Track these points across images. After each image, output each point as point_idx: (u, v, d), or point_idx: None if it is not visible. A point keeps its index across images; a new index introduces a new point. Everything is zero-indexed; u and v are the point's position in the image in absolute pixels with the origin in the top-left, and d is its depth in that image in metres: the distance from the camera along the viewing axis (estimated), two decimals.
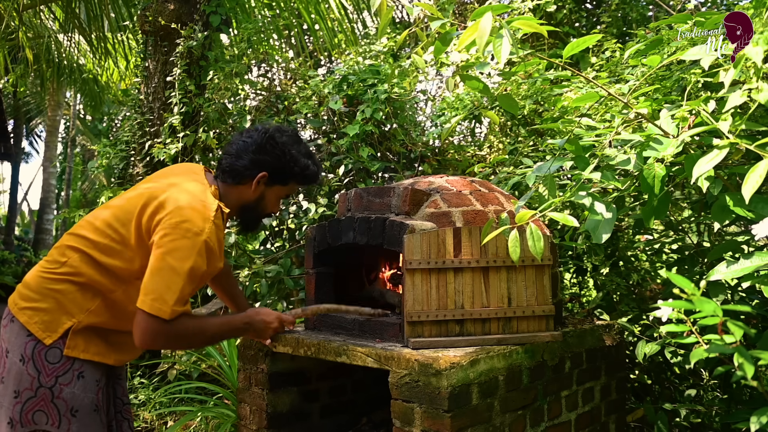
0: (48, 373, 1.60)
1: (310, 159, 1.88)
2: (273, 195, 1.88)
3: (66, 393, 1.61)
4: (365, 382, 2.65)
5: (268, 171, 1.81)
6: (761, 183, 1.26)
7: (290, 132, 1.88)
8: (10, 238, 13.81)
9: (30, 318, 1.62)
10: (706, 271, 2.03)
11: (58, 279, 1.65)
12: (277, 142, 1.81)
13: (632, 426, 2.72)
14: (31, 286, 1.67)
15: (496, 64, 1.56)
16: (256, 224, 1.96)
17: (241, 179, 1.81)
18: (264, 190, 1.85)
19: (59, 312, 1.63)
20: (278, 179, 1.84)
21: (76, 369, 1.63)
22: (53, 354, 1.61)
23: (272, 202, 1.89)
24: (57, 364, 1.61)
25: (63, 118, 15.52)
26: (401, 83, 3.83)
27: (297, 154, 1.84)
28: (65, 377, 1.61)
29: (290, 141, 1.84)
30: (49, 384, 1.60)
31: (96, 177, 15.15)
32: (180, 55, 4.31)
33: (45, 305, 1.63)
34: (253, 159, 1.80)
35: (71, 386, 1.62)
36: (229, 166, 1.81)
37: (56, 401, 1.60)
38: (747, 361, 1.14)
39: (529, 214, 1.52)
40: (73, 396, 1.61)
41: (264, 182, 1.83)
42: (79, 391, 1.63)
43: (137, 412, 3.42)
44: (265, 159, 1.80)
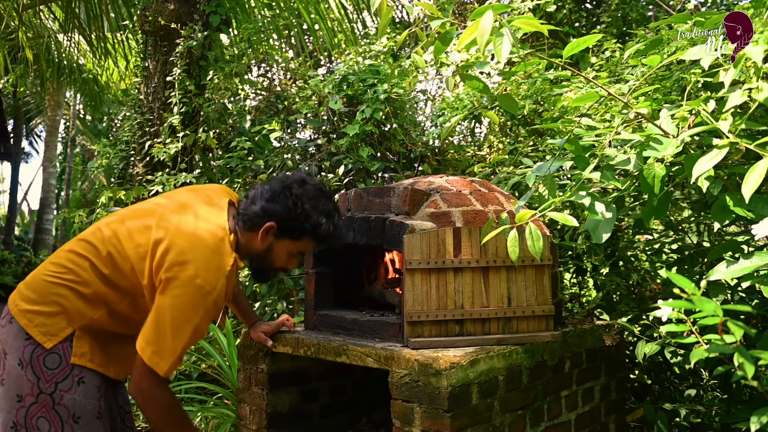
0: (47, 379, 1.57)
1: (327, 217, 1.71)
2: (283, 249, 1.74)
3: (67, 399, 1.58)
4: (365, 382, 2.65)
5: (277, 222, 1.68)
6: (761, 183, 1.26)
7: (313, 184, 1.73)
8: (10, 238, 13.81)
9: (30, 321, 1.59)
10: (706, 271, 2.03)
11: (63, 285, 1.61)
12: (292, 193, 1.68)
13: (632, 426, 2.72)
14: (34, 288, 1.63)
15: (497, 63, 1.56)
16: (266, 277, 1.84)
17: (252, 226, 1.69)
18: (272, 242, 1.72)
19: (61, 317, 1.60)
20: (288, 233, 1.70)
21: (76, 375, 1.60)
22: (52, 359, 1.58)
23: (282, 257, 1.76)
24: (56, 370, 1.58)
25: (63, 118, 15.52)
26: (401, 83, 3.83)
27: (311, 209, 1.68)
28: (65, 383, 1.58)
29: (308, 194, 1.70)
30: (48, 390, 1.57)
31: (96, 177, 15.14)
32: (180, 55, 4.31)
33: (47, 309, 1.60)
34: (264, 207, 1.68)
35: (72, 392, 1.58)
36: (243, 210, 1.71)
37: (57, 408, 1.57)
38: (747, 361, 1.14)
39: (528, 214, 1.52)
40: (75, 402, 1.58)
41: (273, 234, 1.70)
42: (81, 397, 1.59)
43: (137, 412, 3.41)
44: (275, 209, 1.68)
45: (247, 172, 3.93)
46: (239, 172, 3.95)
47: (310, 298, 2.37)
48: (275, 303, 3.59)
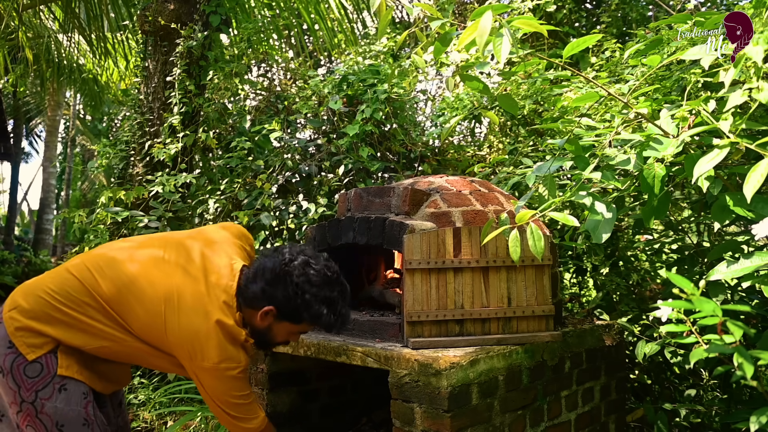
0: (27, 387, 1.55)
1: (328, 307, 1.65)
2: (282, 330, 1.71)
3: (48, 408, 1.56)
4: (365, 382, 2.65)
5: (276, 307, 1.64)
6: (762, 182, 1.26)
7: (317, 269, 1.65)
8: (10, 238, 13.79)
9: (16, 329, 1.56)
10: (706, 271, 2.03)
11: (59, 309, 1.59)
12: (293, 281, 1.62)
13: (632, 426, 2.72)
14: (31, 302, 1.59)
15: (496, 63, 1.57)
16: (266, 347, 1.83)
17: (252, 305, 1.66)
18: (272, 323, 1.68)
19: (47, 336, 1.58)
20: (287, 318, 1.67)
21: (57, 383, 1.57)
22: (33, 368, 1.56)
23: (282, 336, 1.73)
24: (36, 378, 1.55)
25: (63, 118, 15.53)
26: (401, 83, 3.83)
27: (312, 299, 1.62)
28: (45, 391, 1.56)
29: (310, 281, 1.63)
30: (30, 399, 1.55)
31: (96, 177, 15.16)
32: (180, 55, 4.31)
33: (36, 325, 1.57)
34: (264, 289, 1.63)
35: (52, 400, 1.56)
36: (244, 286, 1.66)
37: (41, 416, 1.55)
38: (746, 361, 1.14)
39: (529, 214, 1.52)
40: (56, 410, 1.56)
41: (272, 316, 1.66)
42: (62, 405, 1.57)
43: (137, 412, 3.41)
44: (274, 294, 1.63)
45: (247, 172, 3.94)
46: (239, 172, 3.95)
47: None
48: None
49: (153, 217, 3.73)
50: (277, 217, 3.72)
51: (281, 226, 3.82)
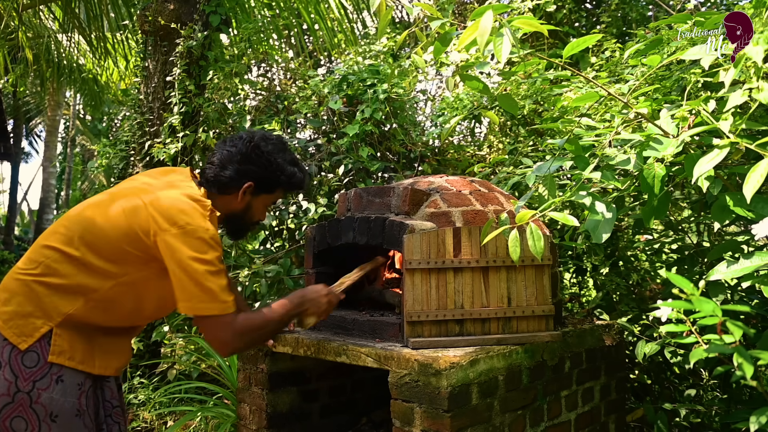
0: (25, 377, 1.55)
1: (296, 166, 1.85)
2: (260, 204, 1.85)
3: (44, 398, 1.55)
4: (365, 382, 2.65)
5: (254, 181, 1.78)
6: (762, 182, 1.26)
7: (275, 139, 1.84)
8: (10, 238, 13.80)
9: (5, 322, 1.57)
10: (706, 271, 2.03)
11: (34, 281, 1.60)
12: (263, 151, 1.78)
13: (632, 426, 2.72)
14: (6, 288, 1.61)
15: (497, 63, 1.57)
16: (244, 233, 1.94)
17: (227, 190, 1.78)
18: (250, 200, 1.82)
19: (35, 315, 1.58)
20: (264, 188, 1.82)
21: (54, 373, 1.57)
22: (30, 358, 1.56)
23: (259, 211, 1.87)
24: (34, 368, 1.56)
25: (63, 118, 15.52)
26: (401, 83, 3.83)
27: (283, 162, 1.80)
28: (43, 381, 1.56)
29: (276, 149, 1.81)
30: (26, 389, 1.54)
31: (96, 177, 15.15)
32: (180, 55, 4.31)
33: (20, 309, 1.57)
34: (238, 169, 1.76)
35: (49, 391, 1.56)
36: (214, 177, 1.78)
37: (35, 406, 1.55)
38: (746, 361, 1.14)
39: (529, 214, 1.52)
40: (52, 401, 1.56)
41: (250, 192, 1.80)
42: (58, 396, 1.57)
43: (137, 411, 3.42)
44: (250, 169, 1.77)
45: None
46: None
47: None
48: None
49: None
50: (277, 217, 3.72)
51: (281, 226, 3.82)
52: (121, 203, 1.66)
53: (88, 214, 1.68)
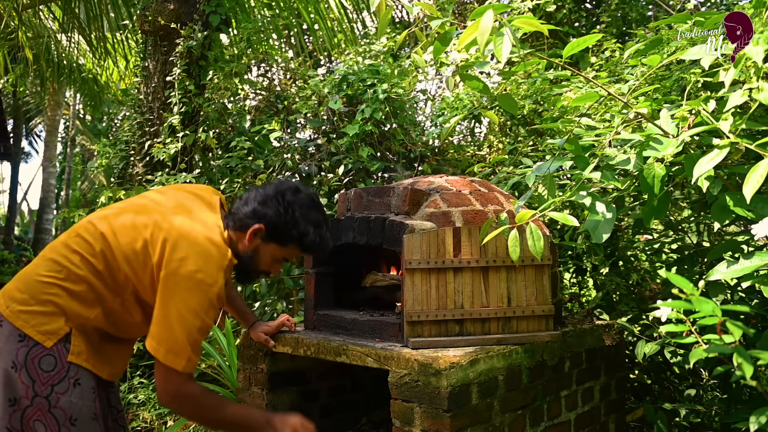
0: (43, 381, 1.55)
1: (315, 227, 1.74)
2: (268, 253, 1.76)
3: (63, 402, 1.56)
4: (365, 382, 2.65)
5: (266, 225, 1.71)
6: (762, 182, 1.26)
7: (305, 195, 1.76)
8: (10, 238, 13.80)
9: (26, 322, 1.56)
10: (705, 271, 2.03)
11: (57, 285, 1.59)
12: (284, 199, 1.72)
13: (632, 426, 2.72)
14: (27, 289, 1.60)
15: (497, 63, 1.57)
16: (248, 279, 1.86)
17: (241, 226, 1.73)
18: (259, 245, 1.74)
19: (57, 317, 1.58)
20: (274, 238, 1.73)
21: (72, 377, 1.58)
22: (47, 361, 1.56)
23: (266, 260, 1.78)
24: (52, 372, 1.56)
25: (63, 118, 15.52)
26: (401, 83, 3.83)
27: (301, 217, 1.72)
28: (61, 385, 1.56)
29: (299, 202, 1.73)
30: (44, 393, 1.54)
31: (95, 177, 15.15)
32: (180, 54, 4.31)
33: (43, 309, 1.57)
34: (255, 208, 1.71)
35: (68, 395, 1.56)
36: (235, 211, 1.75)
37: (53, 411, 1.55)
38: (746, 361, 1.14)
39: (529, 214, 1.52)
40: (71, 405, 1.57)
41: (260, 236, 1.72)
42: (77, 399, 1.58)
43: (137, 411, 3.42)
44: (265, 212, 1.71)
45: (246, 172, 3.94)
46: (239, 172, 3.95)
47: (310, 298, 2.37)
48: (275, 303, 3.59)
49: None
50: None
51: None
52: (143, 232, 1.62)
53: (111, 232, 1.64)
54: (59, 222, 14.31)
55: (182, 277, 1.54)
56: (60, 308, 1.59)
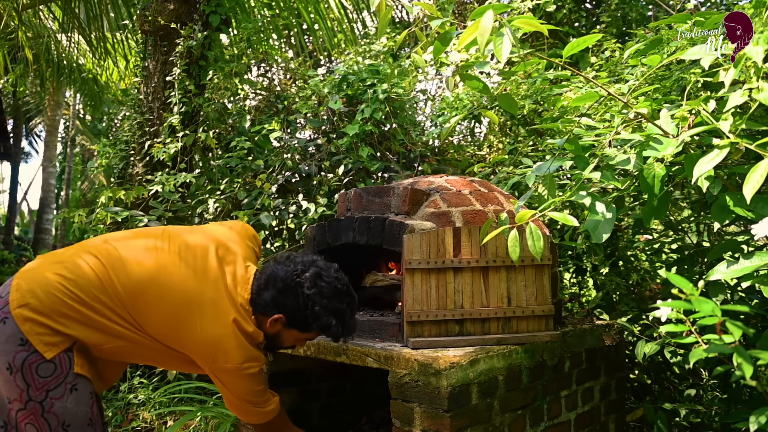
0: (38, 387, 1.54)
1: (337, 318, 1.71)
2: (291, 336, 1.77)
3: (57, 407, 1.55)
4: (365, 382, 2.65)
5: (285, 315, 1.70)
6: (762, 182, 1.26)
7: (327, 282, 1.70)
8: (10, 238, 13.80)
9: (32, 329, 1.54)
10: (705, 271, 2.03)
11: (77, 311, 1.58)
12: (302, 292, 1.68)
13: (632, 426, 2.72)
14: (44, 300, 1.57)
15: (497, 63, 1.57)
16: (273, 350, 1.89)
17: (262, 311, 1.71)
18: (281, 330, 1.74)
19: (65, 336, 1.58)
20: (296, 326, 1.73)
21: (69, 382, 1.57)
22: (46, 368, 1.55)
23: (290, 342, 1.80)
24: (48, 378, 1.55)
25: (62, 118, 15.52)
26: (401, 83, 3.83)
27: (321, 311, 1.68)
28: (56, 391, 1.56)
29: (319, 294, 1.68)
30: (39, 398, 1.54)
31: (96, 177, 15.15)
32: (179, 54, 4.31)
33: (53, 325, 1.56)
34: (275, 298, 1.68)
35: (63, 400, 1.56)
36: (255, 295, 1.71)
37: (47, 415, 1.54)
38: (746, 361, 1.14)
39: (528, 214, 1.52)
40: (65, 410, 1.56)
41: (281, 323, 1.72)
42: (72, 405, 1.57)
43: (137, 411, 3.41)
44: (284, 303, 1.68)
45: (246, 172, 3.93)
46: (239, 171, 3.95)
47: None
48: None
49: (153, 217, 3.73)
50: (277, 217, 3.72)
51: (281, 226, 3.82)
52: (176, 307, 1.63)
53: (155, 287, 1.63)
54: (59, 222, 14.32)
55: (231, 372, 1.65)
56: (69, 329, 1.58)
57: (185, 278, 1.65)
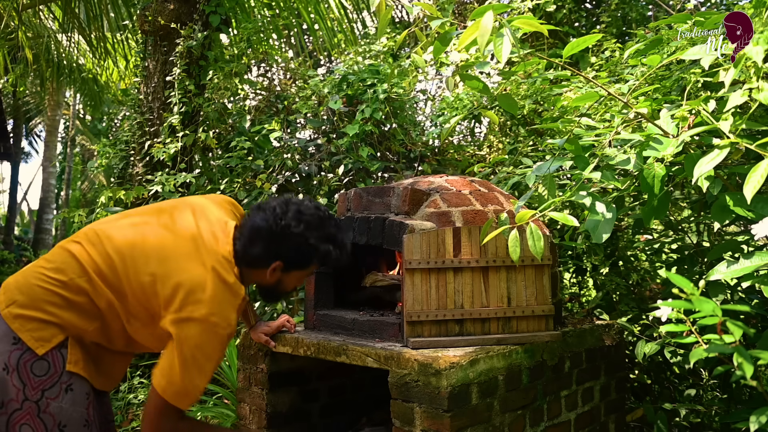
0: (33, 386, 1.53)
1: (331, 243, 1.72)
2: (293, 278, 1.77)
3: (53, 407, 1.54)
4: (365, 381, 2.65)
5: (284, 261, 1.69)
6: (762, 183, 1.26)
7: (309, 216, 1.70)
8: (10, 238, 13.80)
9: (22, 326, 1.54)
10: (705, 271, 2.03)
11: (59, 295, 1.57)
12: (294, 233, 1.66)
13: (632, 426, 2.72)
14: (27, 293, 1.58)
15: (497, 63, 1.57)
16: (277, 299, 1.90)
17: (256, 266, 1.69)
18: (281, 276, 1.74)
19: (54, 326, 1.57)
20: (295, 266, 1.73)
21: (64, 382, 1.56)
22: (40, 366, 1.54)
23: (291, 284, 1.80)
24: (44, 377, 1.54)
25: (62, 118, 15.52)
26: (401, 83, 3.83)
27: (317, 242, 1.69)
28: (52, 391, 1.55)
29: (309, 227, 1.68)
30: (35, 398, 1.53)
31: (95, 177, 15.15)
32: (179, 54, 4.31)
33: (40, 316, 1.55)
34: (266, 248, 1.67)
35: (58, 400, 1.55)
36: (242, 252, 1.67)
37: (42, 416, 1.53)
38: (746, 361, 1.14)
39: (529, 214, 1.52)
40: (61, 410, 1.55)
41: (280, 269, 1.71)
42: (68, 405, 1.56)
43: (137, 411, 3.41)
44: (280, 250, 1.67)
45: (246, 172, 3.94)
46: (239, 171, 3.95)
47: (310, 298, 2.37)
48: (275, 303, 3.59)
49: None
50: None
51: None
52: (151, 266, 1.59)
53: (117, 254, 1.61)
54: (59, 222, 14.32)
55: (196, 321, 1.53)
56: (57, 317, 1.57)
57: (163, 237, 1.65)
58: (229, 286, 1.59)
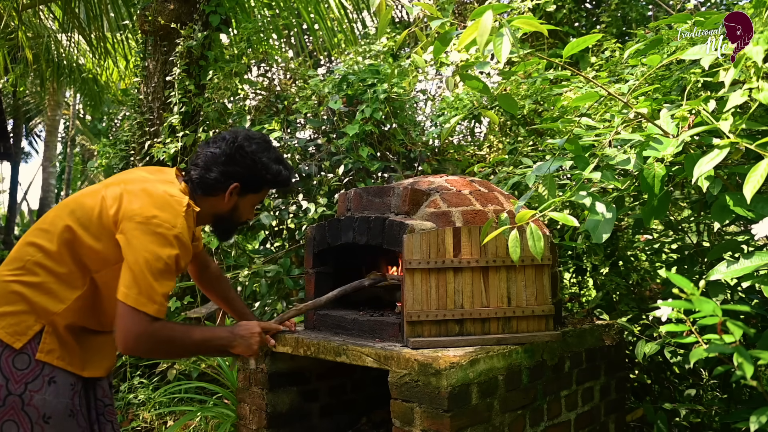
0: (17, 379, 1.53)
1: (281, 164, 1.84)
2: (247, 203, 1.86)
3: (37, 400, 1.54)
4: (365, 381, 2.65)
5: (240, 182, 1.78)
6: (762, 182, 1.26)
7: (259, 138, 1.83)
8: (10, 238, 13.80)
9: None
10: (705, 271, 2.03)
11: (20, 282, 1.59)
12: (247, 152, 1.77)
13: (632, 426, 2.72)
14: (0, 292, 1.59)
15: (497, 63, 1.57)
16: (232, 233, 1.95)
17: (212, 191, 1.78)
18: (237, 201, 1.82)
19: (27, 314, 1.57)
20: (251, 188, 1.82)
21: (47, 374, 1.56)
22: (21, 360, 1.54)
23: (247, 211, 1.88)
24: (25, 370, 1.54)
25: (62, 118, 15.53)
26: (401, 83, 3.83)
27: (268, 161, 1.80)
28: (35, 383, 1.55)
29: (260, 148, 1.80)
30: (18, 391, 1.53)
31: (96, 177, 15.13)
32: (179, 54, 4.31)
33: (11, 309, 1.56)
34: (223, 171, 1.76)
35: (42, 393, 1.55)
36: (199, 179, 1.76)
37: (27, 409, 1.53)
38: (746, 361, 1.14)
39: (529, 214, 1.52)
40: (45, 402, 1.55)
41: (236, 193, 1.80)
42: (51, 397, 1.56)
43: (137, 411, 3.42)
44: (235, 170, 1.76)
45: None
46: None
47: (310, 298, 2.37)
48: (275, 303, 3.59)
49: None
50: (277, 217, 3.72)
51: (281, 226, 3.82)
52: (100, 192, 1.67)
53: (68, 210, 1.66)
54: None
55: (140, 222, 1.58)
56: (27, 304, 1.58)
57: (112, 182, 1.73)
58: (173, 195, 1.67)
